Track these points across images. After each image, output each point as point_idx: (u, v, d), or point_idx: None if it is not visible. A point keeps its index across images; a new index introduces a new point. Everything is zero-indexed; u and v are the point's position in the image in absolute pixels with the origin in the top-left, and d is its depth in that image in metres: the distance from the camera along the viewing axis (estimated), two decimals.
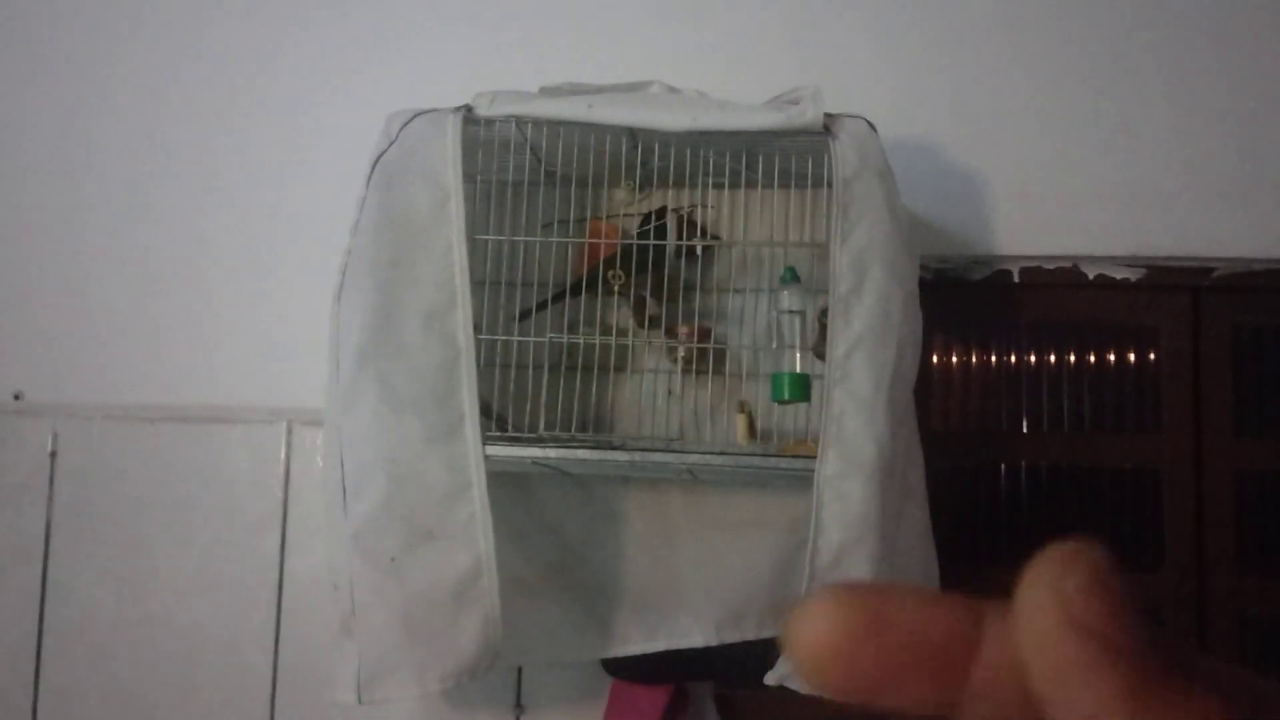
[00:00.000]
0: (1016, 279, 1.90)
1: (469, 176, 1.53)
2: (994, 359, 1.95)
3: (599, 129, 1.55)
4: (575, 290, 1.69)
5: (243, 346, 1.97)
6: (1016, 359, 1.95)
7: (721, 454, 1.53)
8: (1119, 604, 0.19)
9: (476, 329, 1.49)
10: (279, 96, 2.03)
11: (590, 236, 1.71)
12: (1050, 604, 0.19)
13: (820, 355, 1.54)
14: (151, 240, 2.02)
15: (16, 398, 1.99)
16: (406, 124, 1.53)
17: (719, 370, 1.68)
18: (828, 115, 1.48)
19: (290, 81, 2.04)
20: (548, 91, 1.62)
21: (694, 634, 1.67)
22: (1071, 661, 0.19)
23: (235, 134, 2.03)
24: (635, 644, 1.68)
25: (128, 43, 2.08)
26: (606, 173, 1.71)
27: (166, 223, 2.02)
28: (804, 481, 1.44)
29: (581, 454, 1.52)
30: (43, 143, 2.07)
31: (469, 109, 1.55)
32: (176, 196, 2.03)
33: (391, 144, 1.52)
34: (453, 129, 1.51)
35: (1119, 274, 1.89)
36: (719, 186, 1.73)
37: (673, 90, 1.63)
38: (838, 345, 1.42)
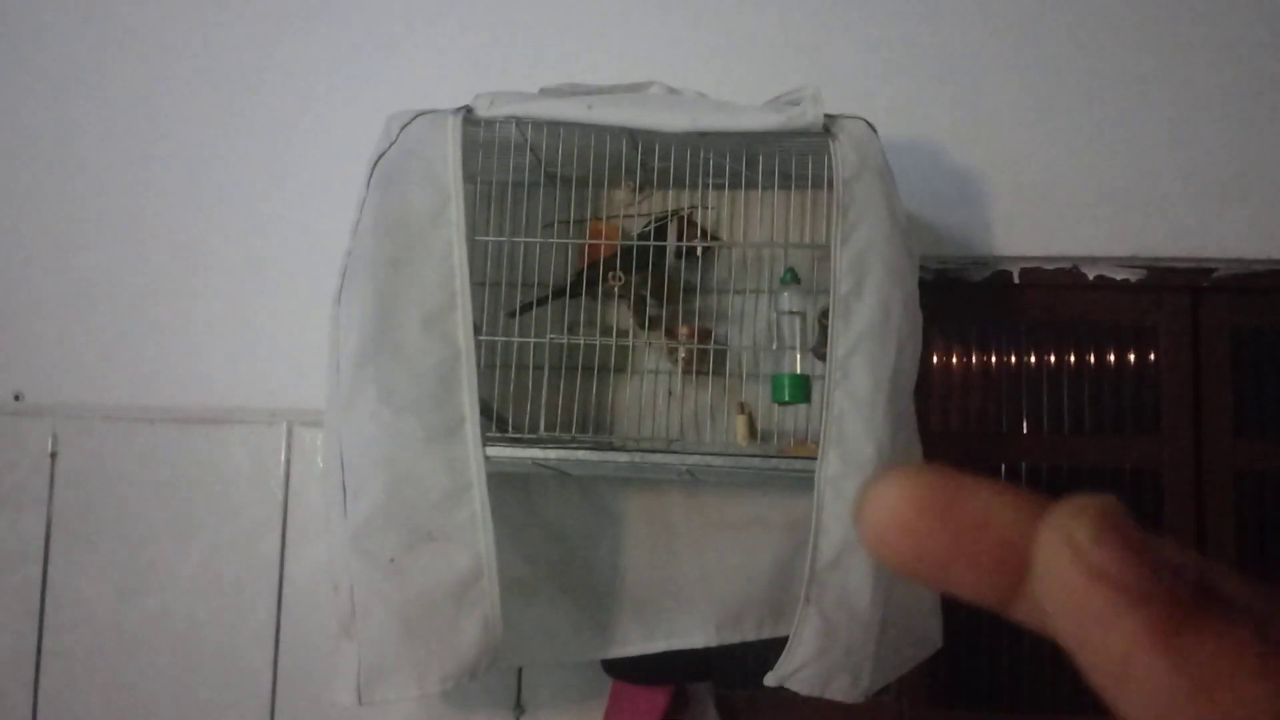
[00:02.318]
0: (1016, 280, 1.91)
1: (469, 177, 1.53)
2: (994, 359, 1.95)
3: (599, 130, 1.54)
4: (575, 289, 1.69)
5: (242, 348, 1.97)
6: (1016, 359, 1.95)
7: (721, 455, 1.53)
8: (1133, 547, 0.19)
9: (476, 330, 1.49)
10: (280, 97, 2.04)
11: (590, 237, 1.71)
12: (1063, 557, 0.19)
13: (820, 356, 1.54)
14: (151, 242, 2.02)
15: (17, 399, 1.99)
16: (407, 125, 1.53)
17: (719, 371, 1.68)
18: (828, 116, 1.48)
19: (290, 82, 2.04)
20: (548, 92, 1.62)
21: (694, 635, 1.67)
22: (1094, 611, 0.18)
23: (234, 135, 2.03)
24: (635, 645, 1.68)
25: (125, 46, 2.08)
26: (606, 173, 1.71)
27: (166, 224, 2.02)
28: (804, 482, 1.44)
29: (581, 455, 1.52)
30: (42, 145, 2.07)
31: (469, 110, 1.55)
32: (176, 198, 2.03)
33: (392, 145, 1.52)
34: (453, 130, 1.51)
35: (1119, 275, 1.89)
36: (719, 187, 1.73)
37: (673, 91, 1.63)
38: (838, 346, 1.42)
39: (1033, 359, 1.95)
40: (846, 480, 1.40)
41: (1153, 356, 1.92)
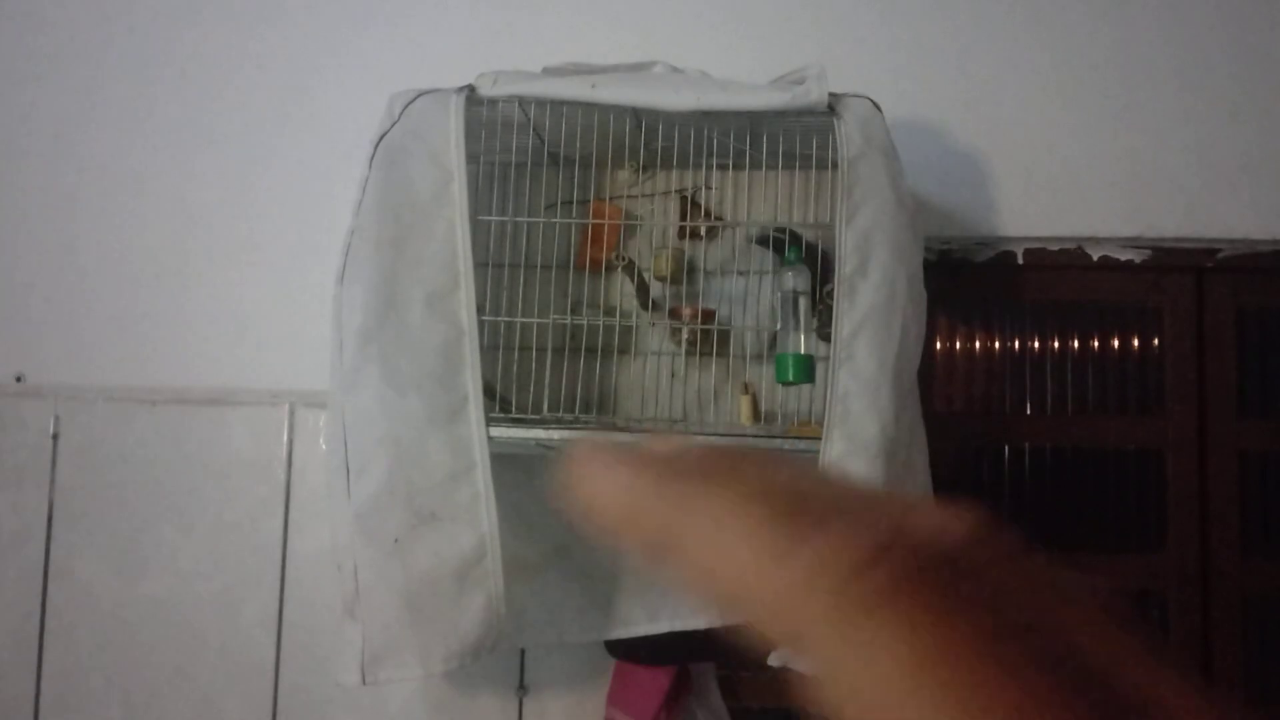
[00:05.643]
0: (1021, 260, 1.90)
1: (472, 157, 1.52)
2: (998, 340, 1.95)
3: (602, 109, 1.53)
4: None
5: (245, 328, 1.96)
6: (1021, 340, 1.95)
7: (725, 435, 1.53)
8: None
9: (479, 310, 1.48)
10: (281, 77, 2.02)
11: (593, 217, 1.70)
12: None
13: (825, 337, 1.53)
14: (152, 223, 2.01)
15: (18, 380, 1.99)
16: (409, 104, 1.52)
17: (723, 352, 1.68)
18: (832, 95, 1.47)
19: (291, 61, 2.03)
20: (551, 72, 1.61)
21: (697, 615, 1.67)
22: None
23: (235, 115, 2.02)
24: (638, 625, 1.68)
25: (123, 27, 2.07)
26: (610, 153, 1.70)
27: (167, 205, 2.01)
28: (808, 463, 1.44)
29: (585, 435, 1.52)
30: (41, 128, 2.06)
31: (472, 89, 1.54)
32: (177, 179, 2.02)
33: (394, 124, 1.51)
34: (455, 109, 1.50)
35: (1123, 255, 1.88)
36: (723, 167, 1.72)
37: (676, 70, 1.62)
38: (842, 326, 1.42)
39: (1037, 340, 1.94)
40: (851, 460, 1.40)
41: (1156, 337, 1.92)
